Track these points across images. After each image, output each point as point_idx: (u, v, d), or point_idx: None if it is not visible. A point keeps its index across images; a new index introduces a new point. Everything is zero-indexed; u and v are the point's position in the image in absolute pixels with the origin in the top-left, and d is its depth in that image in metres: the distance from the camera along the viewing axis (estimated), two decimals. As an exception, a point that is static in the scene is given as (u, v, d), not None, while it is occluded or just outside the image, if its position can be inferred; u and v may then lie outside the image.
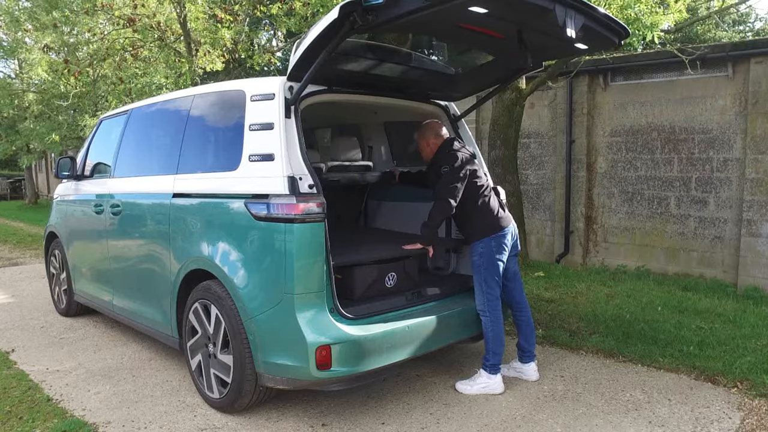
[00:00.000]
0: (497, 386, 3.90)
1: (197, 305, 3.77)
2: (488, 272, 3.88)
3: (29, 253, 10.63)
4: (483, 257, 3.89)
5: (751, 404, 3.73)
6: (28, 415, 3.66)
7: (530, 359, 4.12)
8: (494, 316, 3.89)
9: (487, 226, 3.91)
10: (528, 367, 4.11)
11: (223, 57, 10.81)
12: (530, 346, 4.11)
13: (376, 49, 3.87)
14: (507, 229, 3.96)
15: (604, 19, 3.30)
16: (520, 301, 4.15)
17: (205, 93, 4.16)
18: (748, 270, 7.01)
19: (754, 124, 6.95)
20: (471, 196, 3.91)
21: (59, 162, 5.65)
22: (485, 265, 3.89)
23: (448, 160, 3.90)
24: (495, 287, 3.90)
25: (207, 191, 3.78)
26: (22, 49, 13.84)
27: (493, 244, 3.88)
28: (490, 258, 3.88)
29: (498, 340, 3.90)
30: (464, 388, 3.93)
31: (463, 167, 3.86)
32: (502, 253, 3.91)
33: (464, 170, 3.86)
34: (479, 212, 3.93)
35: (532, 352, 4.13)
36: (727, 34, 19.83)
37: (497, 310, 3.90)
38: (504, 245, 3.93)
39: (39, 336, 5.34)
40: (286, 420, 3.56)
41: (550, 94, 8.89)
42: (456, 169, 3.84)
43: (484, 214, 3.93)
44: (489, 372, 3.91)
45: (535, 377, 4.10)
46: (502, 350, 3.92)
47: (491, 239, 3.89)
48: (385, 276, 3.83)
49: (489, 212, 3.94)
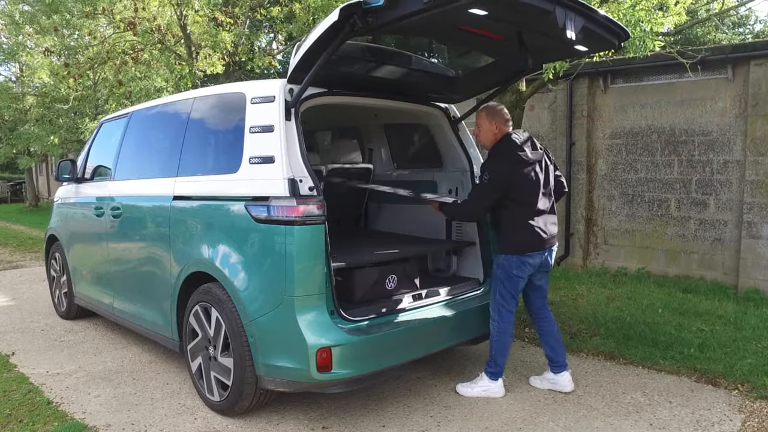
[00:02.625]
0: (497, 390, 3.87)
1: (198, 308, 3.77)
2: (504, 286, 3.78)
3: (29, 256, 10.63)
4: (502, 269, 3.77)
5: (752, 406, 3.73)
6: (28, 418, 3.65)
7: (562, 369, 3.94)
8: (501, 327, 3.83)
9: (515, 244, 3.71)
10: (561, 378, 3.94)
11: (224, 60, 10.81)
12: (558, 356, 3.94)
13: (377, 51, 3.88)
14: (539, 252, 3.72)
15: (604, 21, 3.30)
16: (541, 311, 3.99)
17: (205, 96, 4.16)
18: (749, 272, 7.00)
19: (754, 126, 6.95)
20: (509, 206, 3.69)
21: (60, 165, 5.66)
22: (502, 278, 3.77)
23: (493, 169, 3.68)
24: (509, 300, 3.80)
25: (207, 194, 3.78)
26: (23, 52, 13.86)
27: (516, 262, 3.71)
28: (508, 273, 3.75)
29: (500, 350, 3.85)
30: (465, 390, 3.91)
31: (503, 181, 3.61)
32: (523, 272, 3.74)
33: (503, 184, 3.61)
34: (513, 226, 3.72)
35: (561, 363, 3.94)
36: (727, 36, 19.84)
37: (506, 321, 3.82)
38: (529, 265, 3.73)
39: (39, 339, 5.34)
40: (286, 423, 3.56)
41: (550, 97, 8.89)
42: (493, 183, 3.63)
43: (519, 229, 3.69)
44: (490, 378, 3.88)
45: (569, 388, 3.91)
46: (503, 361, 3.86)
47: (515, 257, 3.71)
48: (385, 278, 3.83)
49: (524, 229, 3.68)
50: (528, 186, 3.69)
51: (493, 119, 3.83)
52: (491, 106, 3.93)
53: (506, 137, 3.78)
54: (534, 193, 3.71)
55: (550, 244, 3.81)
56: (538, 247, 3.73)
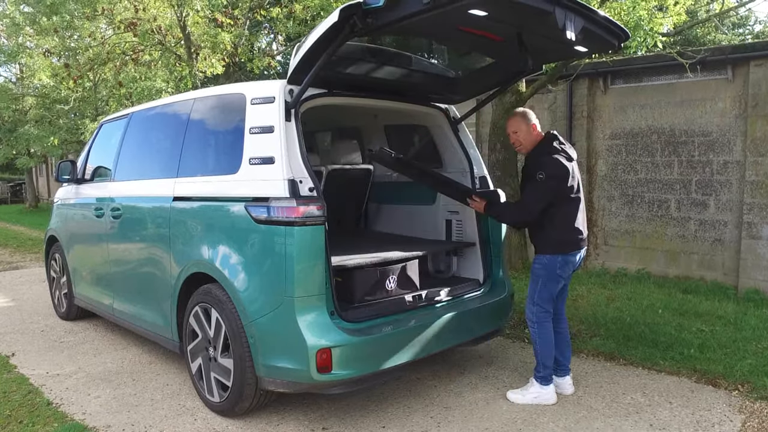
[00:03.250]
0: (550, 396, 3.79)
1: (198, 309, 3.77)
2: (545, 286, 3.74)
3: (29, 256, 10.63)
4: (546, 269, 3.72)
5: (752, 407, 3.72)
6: (28, 419, 3.65)
7: (565, 373, 3.95)
8: (542, 329, 3.78)
9: (561, 243, 3.68)
10: (563, 381, 3.93)
11: (224, 61, 10.82)
12: (565, 359, 3.94)
13: (377, 52, 3.88)
14: (578, 252, 3.75)
15: (604, 21, 3.31)
16: (560, 313, 3.98)
17: (205, 96, 4.16)
18: (749, 272, 7.00)
19: (753, 127, 6.95)
20: (556, 204, 3.65)
21: (60, 166, 5.67)
22: (545, 278, 3.72)
23: (550, 167, 3.60)
24: (548, 301, 3.77)
25: (207, 194, 3.78)
26: (23, 53, 13.86)
27: (560, 261, 3.69)
28: (552, 273, 3.71)
29: (545, 353, 3.79)
30: (516, 398, 3.83)
31: (563, 179, 3.59)
32: (566, 272, 3.74)
33: (561, 180, 3.58)
34: (558, 225, 3.68)
35: (566, 366, 3.96)
36: (727, 37, 19.85)
37: (546, 322, 3.78)
38: (571, 264, 3.74)
39: (39, 340, 5.34)
40: (286, 423, 3.56)
41: (550, 97, 8.90)
42: (552, 181, 3.57)
43: (564, 228, 3.67)
44: (540, 383, 3.81)
45: (569, 391, 3.93)
46: (551, 362, 3.80)
47: (560, 257, 3.68)
48: (385, 279, 3.83)
49: (569, 228, 3.67)
50: (577, 183, 3.72)
51: (530, 121, 3.80)
52: (521, 110, 3.90)
53: (550, 135, 3.76)
54: (577, 191, 3.71)
55: (585, 243, 3.83)
56: (581, 246, 3.75)
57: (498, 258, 4.38)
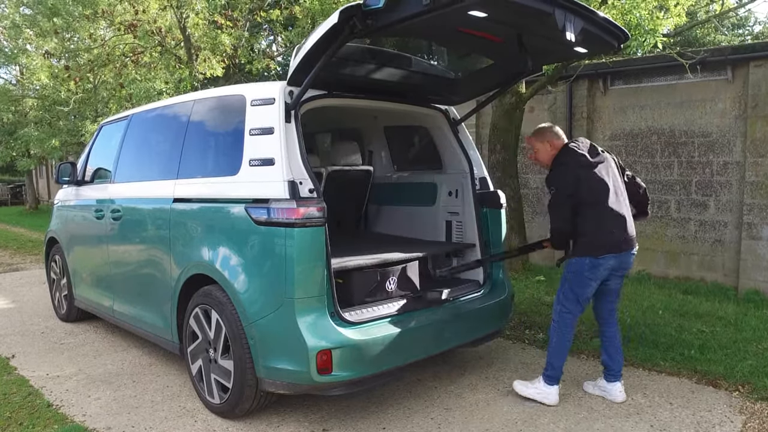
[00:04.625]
0: (551, 397, 3.76)
1: (198, 310, 3.76)
2: (572, 290, 3.69)
3: (30, 258, 10.63)
4: (572, 272, 3.69)
5: (752, 408, 3.72)
6: (28, 420, 3.65)
7: (615, 379, 3.84)
8: (560, 330, 3.74)
9: (589, 247, 3.62)
10: (612, 387, 3.83)
11: (223, 63, 10.84)
12: (614, 364, 3.83)
13: (376, 53, 3.88)
14: (614, 255, 3.61)
15: (604, 22, 3.31)
16: (607, 318, 3.89)
17: (205, 98, 4.16)
18: (749, 273, 7.00)
19: (753, 128, 6.95)
20: (581, 210, 3.62)
21: (60, 167, 5.67)
22: (572, 282, 3.69)
23: (556, 179, 3.68)
24: (574, 305, 3.70)
25: (207, 196, 3.79)
26: (23, 55, 13.87)
27: (588, 264, 3.61)
28: (580, 277, 3.65)
29: (557, 354, 3.75)
30: (520, 388, 3.85)
31: (569, 187, 3.59)
32: (596, 275, 3.64)
33: (570, 188, 3.58)
34: (586, 228, 3.62)
35: (616, 372, 3.84)
36: (727, 37, 19.86)
37: (566, 325, 3.73)
38: (603, 268, 3.63)
39: (39, 341, 5.33)
40: (287, 425, 3.55)
41: (549, 98, 8.90)
42: (561, 191, 3.62)
43: (592, 232, 3.61)
44: (546, 381, 3.79)
45: (620, 399, 3.80)
46: (559, 365, 3.75)
47: (587, 259, 3.61)
48: (386, 280, 3.83)
49: (598, 231, 3.60)
50: (596, 186, 3.62)
51: (544, 138, 3.85)
52: (538, 128, 3.93)
53: (564, 148, 3.78)
54: (603, 193, 3.61)
55: (628, 246, 3.70)
56: (615, 249, 3.62)
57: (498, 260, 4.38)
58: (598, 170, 3.65)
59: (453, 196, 4.61)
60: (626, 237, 3.67)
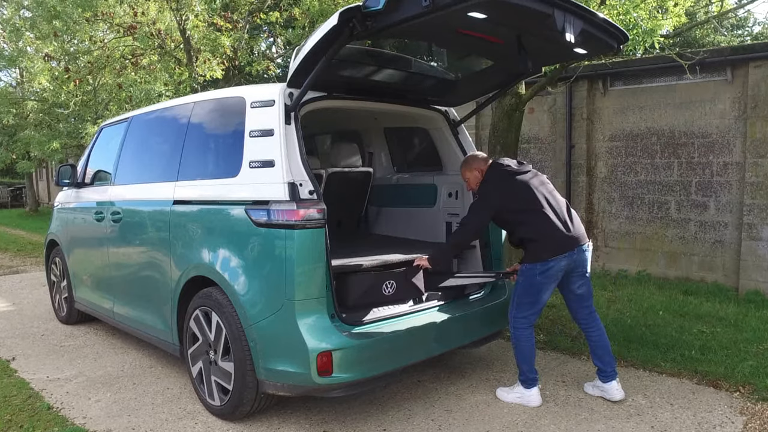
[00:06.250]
0: (532, 399, 3.79)
1: (198, 312, 3.76)
2: (522, 296, 3.75)
3: (30, 261, 10.63)
4: (523, 277, 3.75)
5: (753, 408, 3.72)
6: (28, 423, 3.65)
7: (610, 378, 3.86)
8: (516, 335, 3.79)
9: (535, 252, 3.69)
10: (609, 386, 3.86)
11: (223, 65, 10.84)
12: (605, 365, 3.86)
13: (376, 55, 3.89)
14: (564, 256, 3.66)
15: (603, 23, 3.31)
16: (586, 321, 3.93)
17: (205, 100, 4.16)
18: (749, 274, 7.00)
19: (753, 128, 6.96)
20: (518, 219, 3.73)
21: (60, 170, 5.67)
22: (522, 286, 3.75)
23: (480, 190, 3.84)
24: (526, 309, 3.75)
25: (207, 198, 3.79)
26: (23, 58, 13.87)
27: (540, 268, 3.66)
28: (530, 282, 3.71)
29: (522, 359, 3.79)
30: (502, 395, 3.89)
31: (491, 198, 3.72)
32: (549, 278, 3.68)
33: (492, 201, 3.71)
34: (529, 236, 3.71)
35: (609, 371, 3.86)
36: (726, 38, 19.87)
37: (520, 329, 3.77)
38: (555, 269, 3.67)
39: (39, 344, 5.33)
40: (287, 427, 3.55)
41: (549, 99, 8.91)
42: (481, 201, 3.77)
43: (534, 238, 3.69)
44: (523, 386, 3.83)
45: (618, 396, 3.83)
46: (526, 368, 3.79)
47: (538, 264, 3.67)
48: (386, 281, 3.82)
49: (540, 236, 3.67)
50: (525, 193, 3.72)
51: (471, 167, 3.96)
52: (464, 160, 4.08)
53: (489, 167, 3.91)
54: (532, 199, 3.70)
55: (576, 243, 3.71)
56: (561, 250, 3.66)
57: (498, 260, 4.38)
58: (522, 178, 3.78)
59: (453, 197, 4.61)
60: (570, 236, 3.71)
